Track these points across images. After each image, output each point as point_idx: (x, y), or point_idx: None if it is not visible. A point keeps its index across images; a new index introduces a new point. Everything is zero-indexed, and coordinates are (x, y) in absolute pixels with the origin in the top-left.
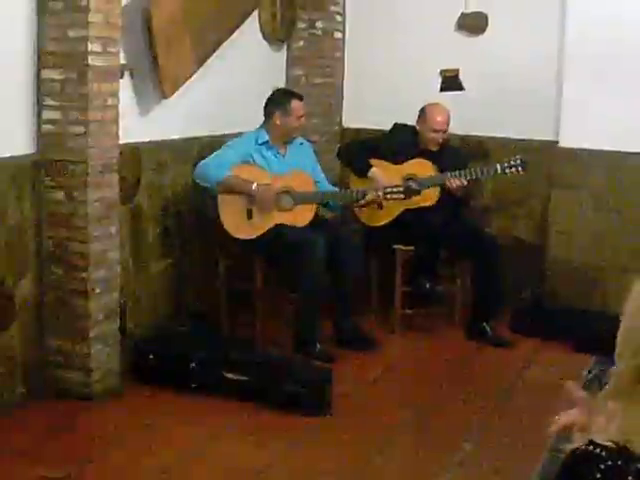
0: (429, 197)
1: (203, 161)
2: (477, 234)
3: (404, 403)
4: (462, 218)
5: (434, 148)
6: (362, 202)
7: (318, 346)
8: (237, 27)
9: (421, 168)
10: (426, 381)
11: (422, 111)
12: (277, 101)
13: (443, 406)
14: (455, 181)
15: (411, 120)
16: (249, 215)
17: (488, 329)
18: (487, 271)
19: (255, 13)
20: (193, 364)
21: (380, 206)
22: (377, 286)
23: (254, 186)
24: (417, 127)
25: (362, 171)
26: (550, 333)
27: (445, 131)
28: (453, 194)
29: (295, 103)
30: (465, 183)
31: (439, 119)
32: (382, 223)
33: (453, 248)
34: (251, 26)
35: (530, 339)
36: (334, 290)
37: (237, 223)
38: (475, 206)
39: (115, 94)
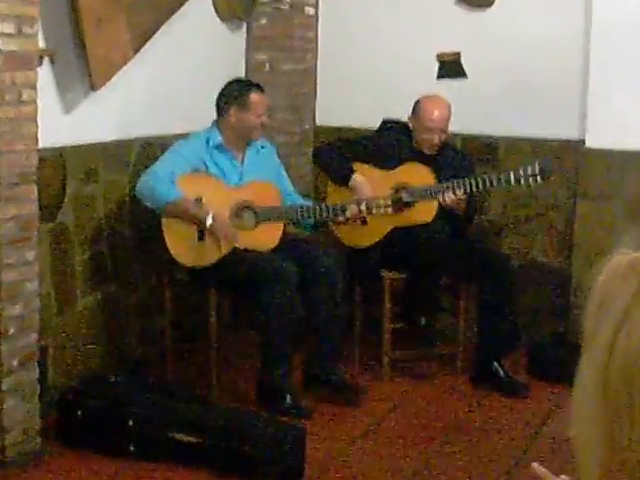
0: (425, 212)
1: (146, 173)
2: (486, 255)
3: (393, 470)
4: (466, 237)
5: (430, 151)
6: (342, 218)
7: (288, 399)
8: (182, 3)
9: (415, 175)
10: (421, 442)
11: (416, 105)
12: (233, 94)
13: (441, 475)
14: (449, 195)
15: (403, 116)
16: (200, 237)
17: (500, 371)
18: (498, 300)
19: None
20: (131, 422)
21: (364, 222)
22: (361, 322)
23: (209, 220)
24: (410, 125)
25: (342, 178)
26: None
27: (444, 130)
28: (451, 210)
29: (255, 96)
30: (461, 196)
31: (436, 115)
32: (367, 244)
33: (455, 273)
34: (201, 1)
35: (552, 384)
36: (308, 328)
37: (186, 247)
38: (482, 222)
39: (32, 86)
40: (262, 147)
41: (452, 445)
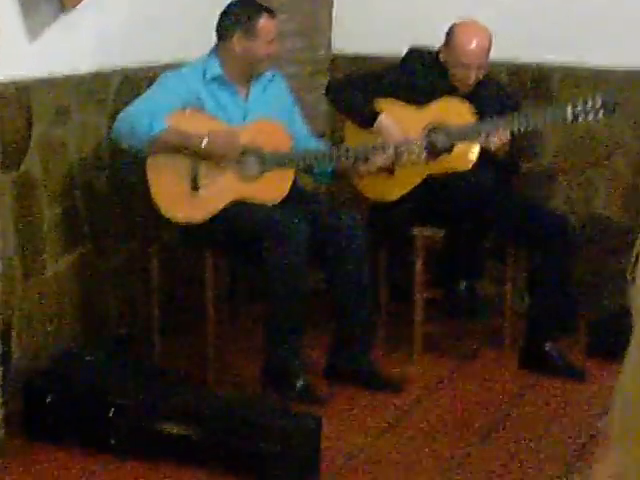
0: (464, 157)
1: (126, 109)
2: (538, 213)
3: (423, 469)
4: (512, 189)
5: (466, 90)
6: (365, 167)
7: (300, 382)
8: None
9: (453, 112)
10: (457, 435)
11: (449, 34)
12: (237, 17)
13: (480, 474)
14: (493, 136)
15: (434, 43)
16: (194, 186)
17: (553, 353)
18: (554, 270)
19: None
20: (113, 410)
21: (391, 171)
22: (387, 289)
23: (205, 142)
24: (441, 57)
25: (365, 118)
26: None
27: (482, 66)
28: (494, 155)
29: (265, 21)
30: (507, 138)
31: (473, 47)
32: (395, 197)
33: (502, 232)
34: None
35: (615, 367)
36: (331, 308)
37: (176, 199)
38: (532, 170)
39: None
40: (271, 80)
41: (495, 440)
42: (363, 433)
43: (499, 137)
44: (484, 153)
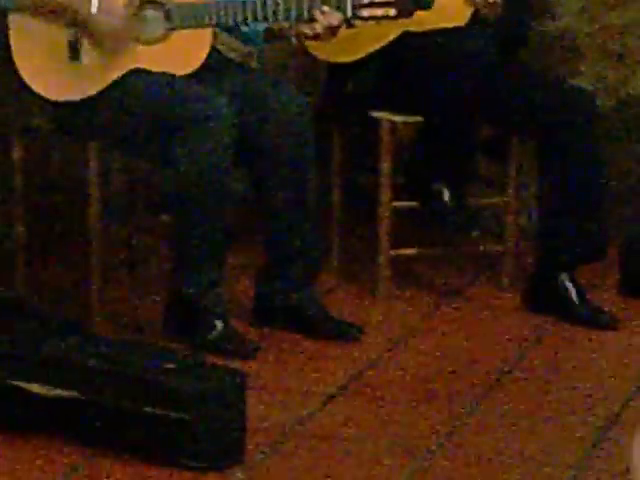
0: (452, 12)
1: None
2: (554, 88)
3: (387, 448)
4: (519, 61)
5: None
6: (309, 31)
7: (219, 325)
8: None
9: None
10: (439, 401)
11: None
12: None
13: (470, 450)
14: None
15: None
16: (73, 53)
17: (571, 289)
18: (574, 165)
19: None
20: None
21: (350, 24)
22: (341, 197)
23: (94, 6)
24: None
25: None
26: None
27: None
28: (485, 18)
29: None
30: None
31: None
32: (356, 56)
33: (503, 120)
34: None
35: None
36: (258, 210)
37: (49, 70)
38: (546, 34)
39: None
40: None
41: (486, 411)
42: (304, 398)
43: None
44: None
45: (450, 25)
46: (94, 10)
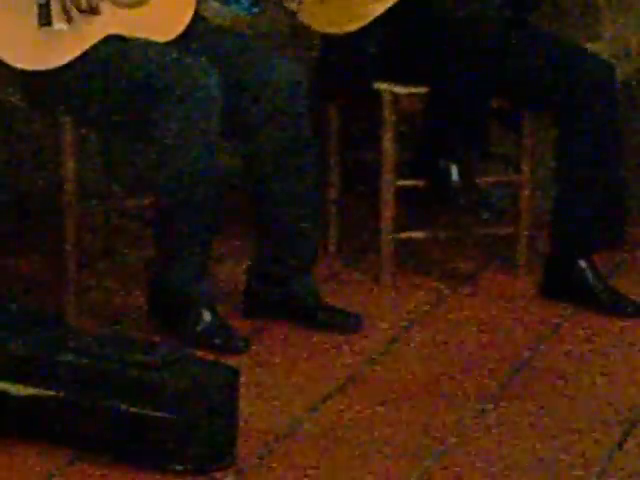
0: None
1: None
2: (571, 56)
3: (390, 448)
4: (534, 27)
5: None
6: None
7: (207, 316)
8: None
9: None
10: (447, 397)
11: None
12: None
13: (480, 450)
14: None
15: None
16: (44, 17)
17: (590, 275)
18: (593, 141)
19: None
20: None
21: None
22: (340, 176)
23: None
24: None
25: None
26: None
27: None
28: None
29: None
30: None
31: None
32: (353, 27)
33: (516, 91)
34: None
35: None
36: (249, 190)
37: (17, 34)
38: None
39: None
40: None
41: (499, 408)
42: (300, 395)
43: None
44: None
45: None
46: None
